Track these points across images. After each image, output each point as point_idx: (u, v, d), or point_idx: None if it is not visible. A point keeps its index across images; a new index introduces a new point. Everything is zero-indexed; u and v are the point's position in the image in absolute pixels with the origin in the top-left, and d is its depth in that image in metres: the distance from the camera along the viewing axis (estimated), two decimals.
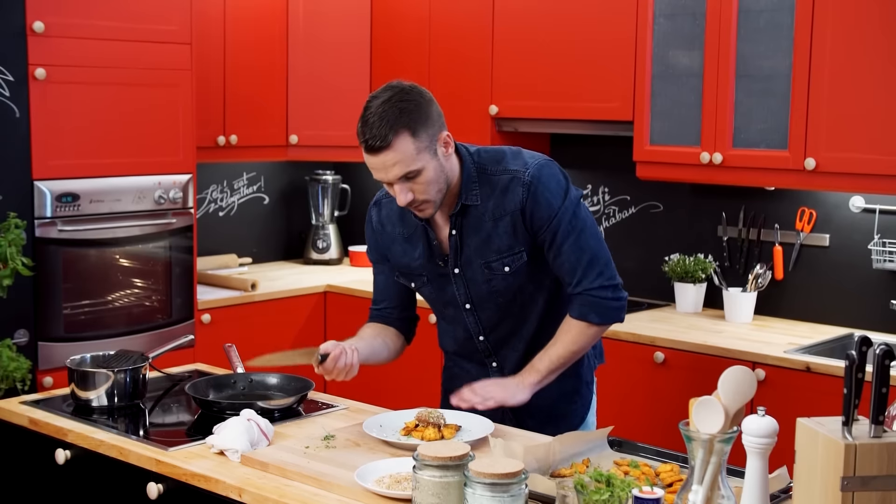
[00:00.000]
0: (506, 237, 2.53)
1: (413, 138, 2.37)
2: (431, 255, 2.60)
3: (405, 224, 2.63)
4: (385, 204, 2.68)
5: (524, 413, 2.64)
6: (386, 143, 2.35)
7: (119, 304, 4.04)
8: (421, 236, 2.60)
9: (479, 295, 2.60)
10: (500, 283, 2.57)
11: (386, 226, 2.68)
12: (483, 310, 2.62)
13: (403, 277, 2.69)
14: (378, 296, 2.81)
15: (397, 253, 2.66)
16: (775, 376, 3.45)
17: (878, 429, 1.66)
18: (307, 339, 4.73)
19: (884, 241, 3.78)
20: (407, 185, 2.40)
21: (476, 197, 2.53)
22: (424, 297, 2.72)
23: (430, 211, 2.48)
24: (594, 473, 2.05)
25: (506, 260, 2.55)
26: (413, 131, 2.37)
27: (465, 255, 2.57)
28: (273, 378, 2.82)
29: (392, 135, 2.35)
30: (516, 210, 2.50)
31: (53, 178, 3.78)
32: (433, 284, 2.64)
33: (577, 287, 2.54)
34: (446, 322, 2.73)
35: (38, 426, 2.62)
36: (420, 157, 2.38)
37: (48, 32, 3.72)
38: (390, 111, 2.36)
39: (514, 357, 2.67)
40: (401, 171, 2.37)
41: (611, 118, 4.12)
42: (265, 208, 5.31)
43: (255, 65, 4.74)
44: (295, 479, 2.16)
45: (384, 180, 2.42)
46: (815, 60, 3.55)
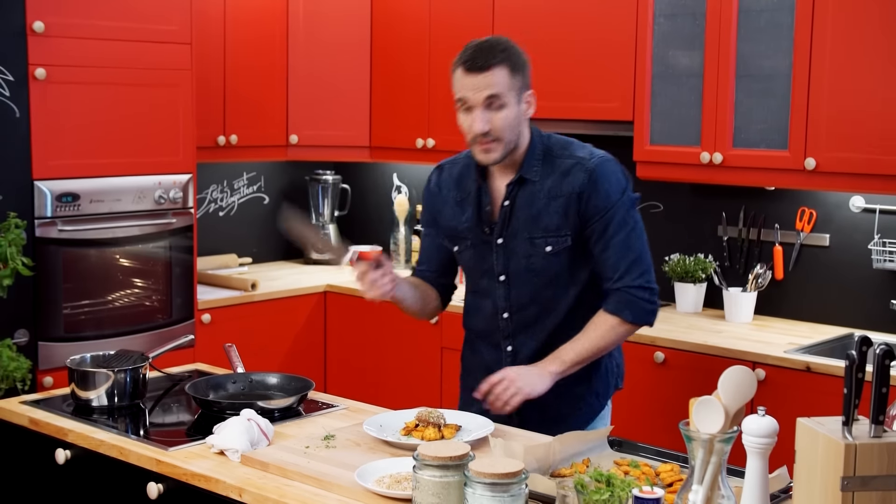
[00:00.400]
0: (556, 217, 2.60)
1: (510, 75, 2.54)
2: (479, 220, 2.67)
3: (460, 189, 2.73)
4: (446, 168, 2.80)
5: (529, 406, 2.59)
6: (487, 64, 2.52)
7: (119, 304, 4.04)
8: (472, 201, 2.69)
9: (517, 269, 2.65)
10: (539, 261, 2.62)
11: (443, 189, 2.78)
12: (516, 286, 2.66)
13: (448, 240, 2.76)
14: (422, 257, 2.89)
15: (447, 215, 2.75)
16: (775, 376, 3.45)
17: (879, 429, 1.66)
18: (307, 340, 4.73)
19: (884, 240, 3.78)
20: (488, 115, 2.53)
21: (536, 173, 2.62)
22: (464, 263, 2.77)
23: (496, 155, 2.56)
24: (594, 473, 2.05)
25: (550, 239, 2.61)
26: (511, 70, 2.54)
27: (513, 226, 2.64)
28: (273, 378, 2.82)
29: (495, 61, 2.52)
30: (573, 193, 2.58)
31: (53, 178, 3.78)
32: (475, 251, 2.70)
33: (618, 283, 2.59)
34: (477, 296, 2.75)
35: (38, 426, 2.62)
36: (509, 95, 2.54)
37: (48, 32, 3.72)
38: (498, 46, 2.56)
39: (531, 345, 2.68)
40: (490, 93, 2.51)
41: (611, 118, 4.11)
42: (265, 208, 5.31)
43: (256, 65, 4.74)
44: (295, 479, 2.16)
45: (470, 102, 2.54)
46: (816, 60, 3.55)
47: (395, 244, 5.15)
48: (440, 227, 2.78)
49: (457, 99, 2.59)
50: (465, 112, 2.57)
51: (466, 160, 2.75)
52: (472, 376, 2.79)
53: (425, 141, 4.70)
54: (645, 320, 2.63)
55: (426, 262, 2.87)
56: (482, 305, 2.74)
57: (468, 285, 2.80)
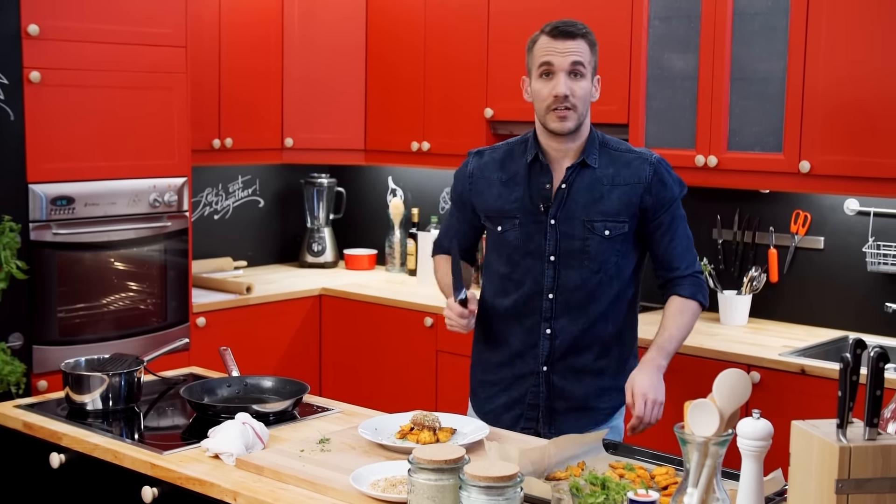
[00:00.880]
0: (617, 203, 2.68)
1: (590, 51, 2.68)
2: (532, 199, 2.71)
3: (505, 170, 2.78)
4: (487, 153, 2.86)
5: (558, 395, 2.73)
6: (579, 32, 2.65)
7: (114, 308, 4.03)
8: (522, 181, 2.73)
9: (569, 251, 2.69)
10: (594, 245, 2.68)
11: (485, 171, 2.82)
12: (565, 267, 2.70)
13: (491, 221, 2.79)
14: (448, 235, 2.96)
15: (491, 196, 2.78)
16: (770, 379, 3.45)
17: (873, 431, 1.66)
18: (302, 343, 4.73)
19: (878, 243, 3.79)
20: (570, 82, 2.62)
21: (596, 161, 2.71)
22: (506, 242, 2.76)
23: (570, 123, 2.65)
24: (589, 476, 2.05)
25: (609, 224, 2.68)
26: (591, 48, 2.69)
27: (568, 208, 2.69)
28: (268, 381, 2.82)
29: (581, 34, 2.66)
30: (639, 183, 2.69)
31: (48, 182, 3.78)
32: (523, 229, 2.72)
33: (689, 269, 2.75)
34: (514, 277, 2.76)
35: (32, 430, 2.61)
36: (588, 67, 2.66)
37: (43, 35, 3.71)
38: (582, 24, 2.70)
39: (572, 331, 2.71)
40: (576, 59, 2.62)
41: (606, 121, 4.11)
42: (260, 211, 5.31)
43: (251, 68, 4.74)
44: (290, 483, 2.16)
45: (556, 66, 2.63)
46: (810, 63, 3.56)
47: (390, 247, 5.15)
48: (480, 208, 2.81)
49: (539, 64, 2.65)
50: (545, 79, 2.65)
51: (507, 147, 2.83)
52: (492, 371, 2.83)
53: (420, 144, 4.70)
54: (707, 302, 2.80)
55: (454, 237, 2.91)
56: (522, 286, 2.74)
57: (501, 267, 2.79)
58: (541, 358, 2.73)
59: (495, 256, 2.80)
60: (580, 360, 2.72)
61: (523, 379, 2.76)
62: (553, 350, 2.72)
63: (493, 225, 2.79)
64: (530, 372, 2.75)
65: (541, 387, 2.73)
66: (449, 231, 2.96)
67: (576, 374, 2.73)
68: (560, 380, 2.73)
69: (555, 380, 2.73)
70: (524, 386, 2.75)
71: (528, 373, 2.75)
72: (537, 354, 2.73)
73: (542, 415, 2.72)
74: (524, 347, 2.75)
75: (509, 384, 2.77)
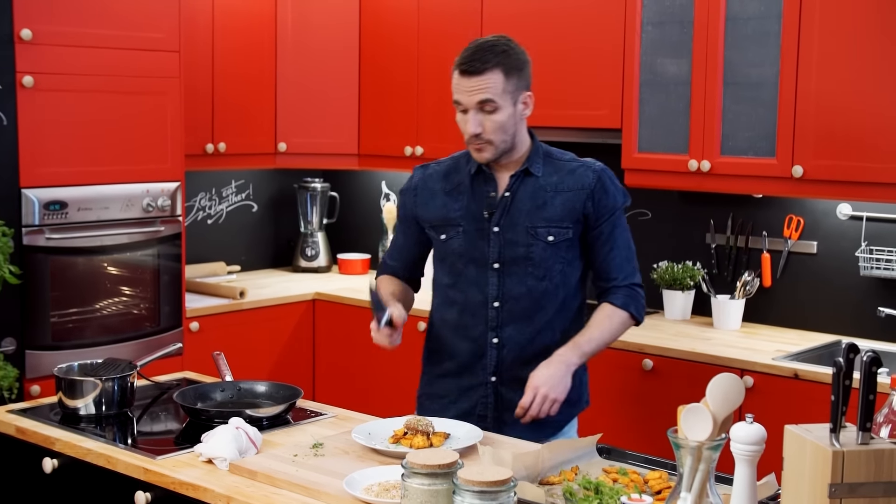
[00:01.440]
0: (560, 210, 2.68)
1: (504, 78, 2.60)
2: (476, 206, 2.71)
3: (448, 181, 2.79)
4: (432, 166, 2.86)
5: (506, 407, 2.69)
6: (481, 69, 2.58)
7: (107, 313, 4.02)
8: (466, 190, 2.74)
9: (513, 258, 2.68)
10: (538, 252, 2.67)
11: (429, 182, 2.82)
12: (510, 274, 2.69)
13: (434, 230, 2.78)
14: (394, 253, 2.94)
15: (436, 206, 2.78)
16: (763, 383, 3.45)
17: (866, 436, 1.67)
18: (296, 348, 4.73)
19: (871, 248, 3.79)
20: (480, 117, 2.61)
21: (539, 169, 2.71)
22: (450, 251, 2.75)
23: (488, 155, 2.65)
24: (583, 481, 2.05)
25: (552, 230, 2.67)
26: (506, 73, 2.61)
27: (512, 216, 2.68)
28: (261, 386, 2.81)
29: (489, 65, 2.58)
30: (583, 190, 2.68)
31: (41, 186, 3.77)
32: (466, 237, 2.72)
33: (625, 280, 2.72)
34: (458, 287, 2.74)
35: (25, 435, 2.61)
36: (502, 98, 2.61)
37: (36, 40, 3.71)
38: (496, 47, 2.62)
39: (518, 341, 2.70)
40: (481, 98, 2.58)
41: (599, 126, 4.12)
42: (254, 216, 5.30)
43: (244, 72, 4.74)
44: (283, 488, 2.16)
45: (464, 103, 2.61)
46: (803, 68, 3.56)
47: (383, 252, 5.15)
48: (424, 218, 2.80)
49: (453, 100, 2.66)
50: (461, 113, 2.65)
51: (452, 159, 2.83)
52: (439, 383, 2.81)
53: (414, 149, 4.70)
54: (641, 318, 2.76)
55: (399, 259, 2.91)
56: (466, 296, 2.73)
57: (445, 278, 2.78)
58: (489, 368, 2.72)
59: (440, 268, 2.80)
60: (528, 370, 2.65)
61: (472, 391, 2.74)
62: (501, 360, 2.71)
63: (437, 234, 2.77)
64: (479, 383, 2.73)
65: (489, 398, 2.72)
66: (394, 248, 2.94)
67: (523, 386, 2.67)
68: (508, 391, 2.71)
69: (503, 391, 2.71)
70: (473, 398, 2.74)
71: (476, 384, 2.73)
72: (485, 365, 2.72)
73: (491, 426, 2.68)
74: (472, 359, 2.73)
75: (457, 396, 2.75)
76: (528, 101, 2.68)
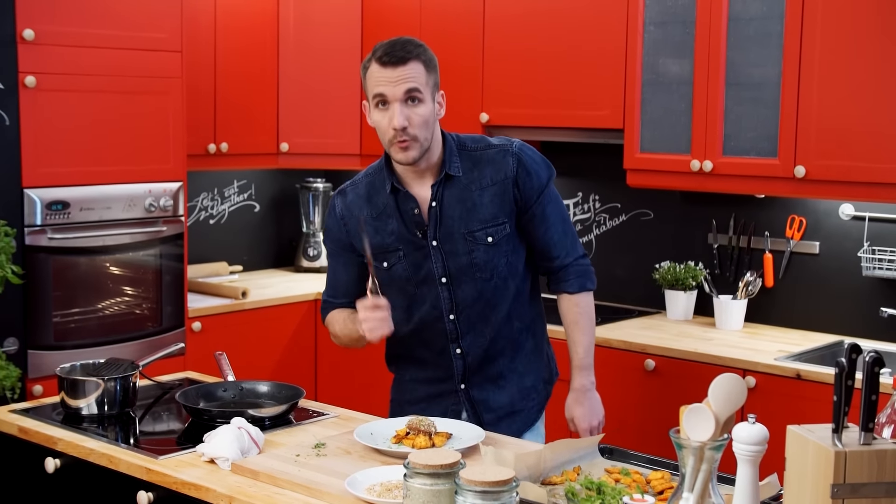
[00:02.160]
0: (491, 207, 2.60)
1: (426, 71, 2.54)
2: (407, 228, 2.62)
3: (373, 205, 2.66)
4: (350, 191, 2.73)
5: (483, 408, 2.69)
6: (408, 57, 2.50)
7: (109, 312, 4.03)
8: (392, 212, 2.63)
9: (458, 268, 2.62)
10: (481, 255, 2.61)
11: (353, 209, 2.69)
12: (459, 284, 2.64)
13: (375, 259, 2.63)
14: (337, 290, 2.79)
15: (368, 234, 2.61)
16: (766, 384, 3.45)
17: (868, 436, 1.66)
18: (298, 348, 4.73)
19: (873, 248, 3.79)
20: (407, 110, 2.50)
21: (458, 169, 2.60)
22: (396, 276, 2.65)
23: (414, 153, 2.52)
24: (585, 481, 2.05)
25: (489, 230, 2.60)
26: (427, 67, 2.55)
27: (446, 226, 2.60)
28: (264, 386, 2.81)
29: (413, 56, 2.52)
30: (507, 179, 2.60)
31: (43, 186, 3.77)
32: (409, 259, 2.64)
33: (568, 257, 2.70)
34: (414, 306, 2.67)
35: (27, 435, 2.61)
36: (425, 90, 2.52)
37: (38, 40, 3.71)
38: (412, 41, 2.56)
39: (480, 344, 2.67)
40: (409, 86, 2.49)
41: (601, 126, 4.12)
42: (256, 216, 5.30)
43: (246, 72, 4.74)
44: (286, 488, 2.16)
45: (389, 95, 2.49)
46: (805, 68, 3.56)
47: None
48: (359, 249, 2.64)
49: (373, 95, 2.54)
50: (381, 109, 2.53)
51: (367, 179, 2.69)
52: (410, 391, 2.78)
53: None
54: (595, 285, 2.76)
55: (346, 294, 2.76)
56: (421, 313, 2.67)
57: (396, 300, 2.64)
58: (457, 377, 2.70)
59: (389, 292, 2.62)
60: (495, 367, 2.68)
61: (442, 397, 2.73)
62: (467, 367, 2.69)
63: (379, 262, 2.65)
64: (448, 391, 2.72)
65: (461, 403, 2.71)
66: (338, 284, 2.79)
67: (494, 382, 2.69)
68: (480, 392, 2.70)
69: (475, 394, 2.71)
70: (444, 404, 2.72)
71: (446, 391, 2.72)
72: (452, 374, 2.70)
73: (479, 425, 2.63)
74: (438, 368, 2.71)
75: (428, 404, 2.73)
76: (442, 102, 2.60)
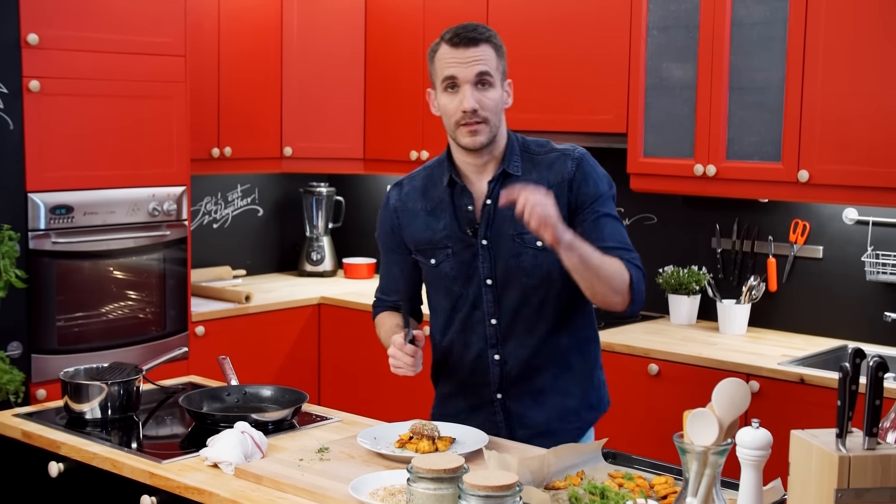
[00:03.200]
0: None
1: (496, 56, 2.47)
2: (459, 225, 2.54)
3: (427, 198, 2.60)
4: (407, 182, 2.66)
5: (518, 422, 2.61)
6: (480, 38, 2.44)
7: (113, 317, 4.03)
8: (447, 207, 2.55)
9: (505, 270, 2.51)
10: (528, 259, 2.50)
11: (408, 202, 2.63)
12: (504, 288, 2.53)
13: (423, 255, 2.59)
14: (390, 286, 2.75)
15: (418, 228, 2.59)
16: (769, 388, 3.45)
17: (872, 441, 1.66)
18: (301, 352, 4.73)
19: (877, 252, 3.79)
20: (477, 93, 2.43)
21: (518, 168, 2.52)
22: (443, 274, 2.58)
23: (482, 137, 2.45)
24: (589, 486, 2.05)
25: None
26: (497, 52, 2.48)
27: (497, 225, 2.51)
28: (267, 390, 2.81)
29: (485, 39, 2.45)
30: (563, 182, 2.49)
31: (47, 191, 3.78)
32: (457, 258, 2.55)
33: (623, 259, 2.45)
34: (459, 306, 2.58)
35: (31, 439, 2.61)
36: (496, 74, 2.46)
37: (42, 45, 3.72)
38: (485, 26, 2.49)
39: (521, 355, 2.56)
40: (481, 69, 2.42)
41: (605, 130, 4.12)
42: (259, 220, 5.31)
43: (250, 77, 4.75)
44: (289, 492, 2.16)
45: (460, 78, 2.42)
46: (808, 72, 3.56)
47: None
48: (411, 242, 2.62)
49: (442, 79, 2.45)
50: (450, 92, 2.45)
51: (425, 172, 2.64)
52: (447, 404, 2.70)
53: (419, 153, 4.70)
54: (637, 298, 2.46)
55: (395, 291, 2.73)
56: (465, 315, 2.58)
57: (443, 301, 2.61)
58: (493, 386, 2.59)
59: (434, 292, 2.62)
60: (538, 382, 2.57)
61: (480, 409, 2.63)
62: (504, 376, 2.58)
63: (426, 258, 2.59)
64: (485, 401, 2.62)
65: (498, 415, 2.62)
66: (389, 281, 2.74)
67: (534, 398, 2.59)
68: (518, 406, 2.60)
69: (512, 406, 2.60)
70: (480, 416, 2.62)
71: (483, 402, 2.63)
72: (489, 382, 2.59)
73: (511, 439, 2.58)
74: (475, 377, 2.62)
75: (467, 416, 2.63)
76: (509, 91, 2.52)
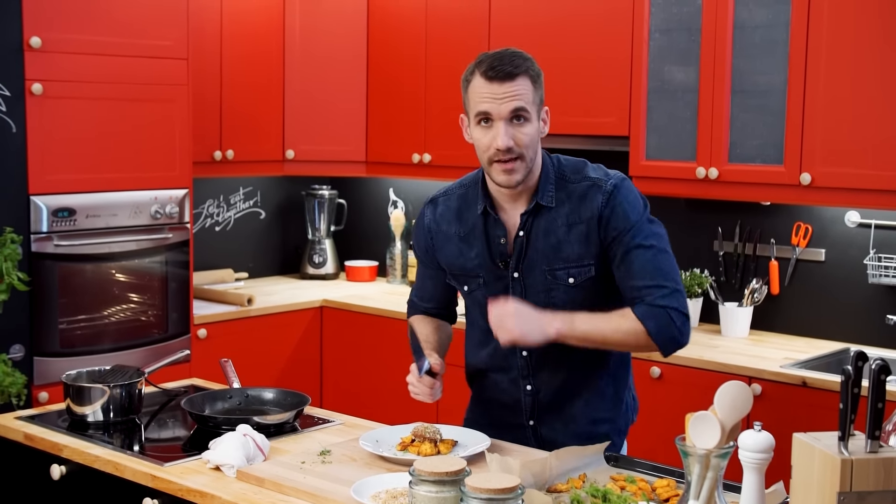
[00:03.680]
0: (577, 246, 2.40)
1: (533, 88, 2.35)
2: (491, 255, 2.47)
3: (462, 222, 2.51)
4: (442, 202, 2.57)
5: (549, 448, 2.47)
6: (516, 72, 2.31)
7: (115, 319, 4.03)
8: (480, 235, 2.48)
9: (536, 304, 2.39)
10: (560, 295, 2.43)
11: (441, 224, 2.55)
12: None
13: (456, 280, 2.56)
14: (423, 294, 2.72)
15: (452, 253, 2.53)
16: (772, 391, 3.44)
17: (875, 444, 1.66)
18: (303, 355, 4.73)
19: (879, 255, 3.79)
20: (512, 129, 2.31)
21: (551, 199, 2.42)
22: (475, 302, 2.54)
23: (518, 176, 2.35)
24: (591, 489, 2.05)
25: (572, 270, 2.41)
26: (534, 83, 2.36)
27: (530, 258, 2.44)
28: (269, 393, 2.81)
29: (522, 71, 2.32)
30: (593, 217, 2.39)
31: (50, 193, 3.78)
32: (489, 288, 2.48)
33: (646, 300, 2.36)
34: (490, 333, 2.43)
35: (33, 441, 2.61)
36: (531, 108, 2.34)
37: (45, 48, 3.72)
38: (520, 54, 2.36)
39: (553, 384, 2.51)
40: (516, 105, 2.30)
41: (607, 133, 4.12)
42: (261, 223, 5.31)
43: (252, 80, 4.75)
44: (291, 495, 2.16)
45: (493, 113, 2.31)
46: (810, 76, 3.56)
47: (391, 259, 5.16)
48: (444, 264, 2.57)
49: (475, 113, 2.34)
50: (484, 126, 2.34)
51: (461, 191, 2.55)
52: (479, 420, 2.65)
53: (422, 156, 4.71)
54: (667, 341, 2.37)
55: (430, 300, 2.71)
56: (495, 342, 2.43)
57: (479, 319, 2.53)
58: (525, 413, 2.56)
59: (471, 309, 2.58)
60: (570, 409, 2.53)
61: (512, 430, 2.59)
62: (537, 404, 2.54)
63: (459, 284, 2.56)
64: (517, 425, 2.59)
65: (529, 441, 2.58)
66: (424, 291, 2.72)
67: (565, 424, 2.54)
68: (549, 431, 2.56)
69: (544, 432, 2.56)
70: (513, 436, 2.58)
71: (515, 425, 2.59)
72: (522, 410, 2.56)
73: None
74: (507, 401, 2.58)
75: (498, 431, 2.58)
76: (546, 118, 2.41)
